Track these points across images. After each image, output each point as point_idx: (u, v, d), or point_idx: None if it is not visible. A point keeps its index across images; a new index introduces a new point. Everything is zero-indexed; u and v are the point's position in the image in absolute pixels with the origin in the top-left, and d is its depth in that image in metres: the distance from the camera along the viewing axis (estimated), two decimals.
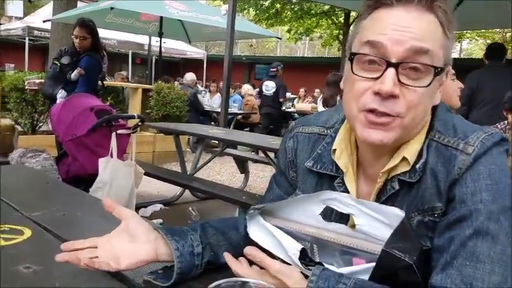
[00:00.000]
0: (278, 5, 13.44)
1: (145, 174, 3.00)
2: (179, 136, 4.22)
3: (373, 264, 0.61)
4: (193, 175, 4.00)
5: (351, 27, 13.30)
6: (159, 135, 5.71)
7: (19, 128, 4.78)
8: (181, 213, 3.69)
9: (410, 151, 0.69)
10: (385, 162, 0.71)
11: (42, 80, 3.73)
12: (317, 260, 0.68)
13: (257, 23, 12.77)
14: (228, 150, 4.55)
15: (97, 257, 0.70)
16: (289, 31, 14.69)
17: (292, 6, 13.46)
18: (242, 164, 4.79)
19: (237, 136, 4.04)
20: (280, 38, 12.96)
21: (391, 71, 0.64)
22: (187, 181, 3.56)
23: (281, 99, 7.16)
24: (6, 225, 0.93)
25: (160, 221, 3.22)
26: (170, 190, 4.13)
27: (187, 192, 4.14)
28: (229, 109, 6.42)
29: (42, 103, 4.77)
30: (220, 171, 5.61)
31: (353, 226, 0.68)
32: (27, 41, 11.58)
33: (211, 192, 3.26)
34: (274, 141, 3.47)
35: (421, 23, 0.65)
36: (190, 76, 8.26)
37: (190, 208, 3.71)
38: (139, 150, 3.11)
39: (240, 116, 8.32)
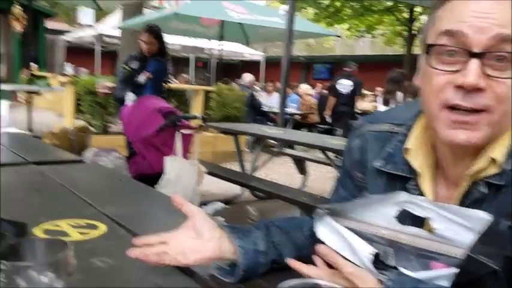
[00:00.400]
0: (338, 3, 13.20)
1: (207, 173, 3.07)
2: (238, 136, 4.29)
3: (454, 269, 0.57)
4: (252, 175, 4.04)
5: (415, 23, 12.76)
6: (219, 135, 5.83)
7: (92, 129, 5.10)
8: (241, 212, 3.74)
9: (499, 151, 0.63)
10: (469, 163, 0.65)
11: (113, 84, 3.96)
12: (392, 263, 0.65)
13: (316, 22, 12.63)
14: (286, 150, 4.54)
15: (166, 252, 0.72)
16: (349, 29, 14.38)
17: (353, 4, 13.15)
18: (301, 164, 4.76)
19: (295, 136, 4.02)
20: (339, 37, 12.71)
21: (474, 61, 0.59)
22: (247, 180, 3.60)
23: (357, 97, 7.10)
24: (82, 220, 0.99)
25: (223, 219, 3.29)
26: (230, 189, 4.20)
27: (247, 191, 4.18)
28: (287, 109, 6.42)
29: (112, 105, 5.06)
30: (279, 171, 5.61)
31: (430, 231, 0.64)
32: (98, 47, 12.34)
33: (271, 192, 3.26)
34: (332, 141, 3.41)
35: (505, 8, 0.59)
36: (248, 77, 8.36)
37: (250, 207, 3.74)
38: (200, 150, 3.21)
39: (298, 116, 8.28)
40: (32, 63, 5.68)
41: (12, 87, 6.57)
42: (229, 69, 15.74)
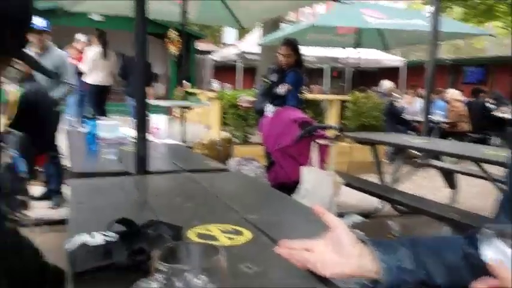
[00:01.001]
0: (490, 0, 11.77)
1: (344, 184, 3.01)
2: (376, 146, 4.10)
3: None
4: (393, 187, 3.81)
5: None
6: (355, 145, 5.67)
7: (234, 139, 5.46)
8: (381, 227, 3.55)
9: None
10: None
11: (253, 98, 4.18)
12: None
13: (464, 22, 11.46)
14: (432, 161, 4.19)
15: (307, 258, 0.73)
16: (505, 27, 12.68)
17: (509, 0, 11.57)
18: (449, 177, 4.32)
19: (443, 145, 3.67)
20: (493, 36, 11.26)
21: None
22: (387, 193, 3.41)
23: None
24: (230, 226, 1.04)
25: (362, 233, 3.17)
26: (368, 202, 4.04)
27: (387, 205, 3.97)
28: (431, 117, 5.94)
29: (252, 117, 5.34)
30: (422, 185, 5.19)
31: None
32: (239, 64, 13.27)
33: (415, 207, 3.03)
34: (489, 151, 3.01)
35: None
36: (386, 84, 8.00)
37: (390, 222, 3.54)
38: (336, 160, 3.19)
39: (444, 124, 7.59)
40: (184, 82, 6.33)
41: (168, 103, 7.45)
42: (366, 77, 15.25)
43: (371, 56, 11.92)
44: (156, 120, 2.66)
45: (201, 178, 1.62)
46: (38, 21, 3.47)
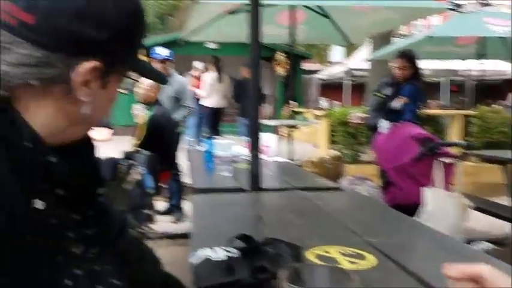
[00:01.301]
0: None
1: (473, 207, 2.69)
2: (508, 166, 3.63)
3: None
4: None
5: None
6: (481, 164, 5.11)
7: (344, 158, 5.32)
8: None
9: None
10: None
11: (365, 115, 4.02)
12: None
13: None
14: None
15: None
16: None
17: None
18: None
19: None
20: None
21: None
22: None
23: None
24: (350, 249, 0.97)
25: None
26: (499, 227, 3.56)
27: None
28: None
29: (363, 135, 5.15)
30: None
31: None
32: (347, 81, 13.08)
33: None
34: None
35: None
36: None
37: None
38: (460, 181, 2.89)
39: None
40: (291, 101, 6.40)
41: (275, 123, 7.60)
42: (489, 90, 13.81)
43: (495, 67, 10.80)
44: (266, 139, 2.69)
45: (314, 196, 1.58)
46: (162, 51, 3.85)
